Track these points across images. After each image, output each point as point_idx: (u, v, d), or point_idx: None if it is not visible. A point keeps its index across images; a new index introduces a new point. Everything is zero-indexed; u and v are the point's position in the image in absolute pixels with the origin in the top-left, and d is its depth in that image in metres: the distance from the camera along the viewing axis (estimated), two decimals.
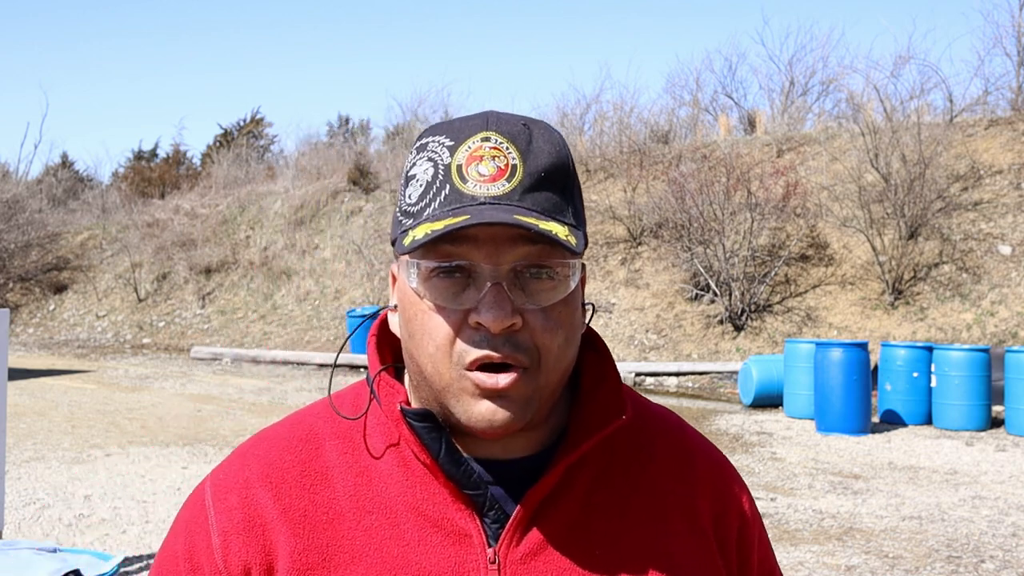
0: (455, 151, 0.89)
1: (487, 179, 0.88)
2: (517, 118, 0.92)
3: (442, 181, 0.89)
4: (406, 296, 0.92)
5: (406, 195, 0.92)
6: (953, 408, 10.84)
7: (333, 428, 0.99)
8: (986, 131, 18.47)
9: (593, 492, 0.97)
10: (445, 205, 0.88)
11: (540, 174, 0.89)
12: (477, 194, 0.87)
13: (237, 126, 36.90)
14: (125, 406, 12.23)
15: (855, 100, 22.00)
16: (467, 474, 0.92)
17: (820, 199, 18.03)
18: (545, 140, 0.91)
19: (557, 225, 0.87)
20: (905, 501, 7.31)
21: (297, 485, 0.95)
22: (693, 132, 23.99)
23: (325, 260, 23.01)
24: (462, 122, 0.92)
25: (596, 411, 0.96)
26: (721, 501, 1.03)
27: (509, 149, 0.89)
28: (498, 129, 0.90)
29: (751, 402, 12.69)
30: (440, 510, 0.93)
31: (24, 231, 26.66)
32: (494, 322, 0.85)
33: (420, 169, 0.91)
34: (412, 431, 0.92)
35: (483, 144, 0.89)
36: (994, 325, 14.85)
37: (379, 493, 0.94)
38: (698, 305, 17.59)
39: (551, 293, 0.89)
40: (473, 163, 0.88)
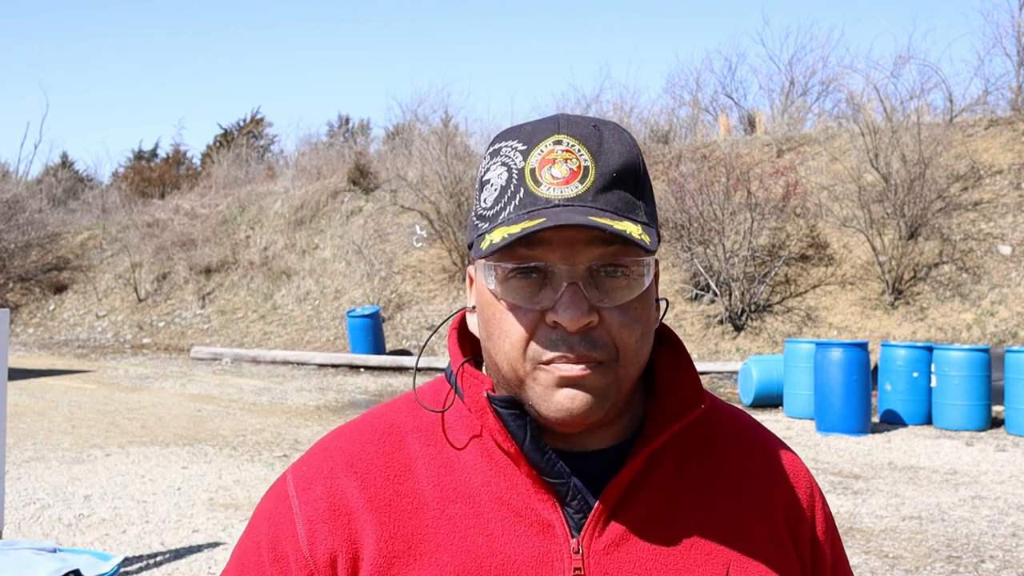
0: (528, 155, 0.91)
1: (560, 182, 0.89)
2: (588, 120, 0.93)
3: (516, 185, 0.90)
4: (484, 297, 0.94)
5: (482, 199, 0.93)
6: (953, 408, 10.84)
7: (415, 422, 1.00)
8: (986, 131, 18.47)
9: (672, 484, 0.98)
10: (520, 208, 0.89)
11: (612, 175, 0.90)
12: (551, 197, 0.89)
13: (237, 126, 36.91)
14: (125, 406, 12.23)
15: (855, 100, 22.01)
16: (550, 463, 0.93)
17: (820, 199, 18.03)
18: (616, 140, 0.93)
19: (631, 224, 0.88)
20: (905, 501, 7.31)
21: (381, 475, 0.96)
22: (693, 132, 23.99)
23: (325, 260, 23.01)
24: (534, 126, 0.93)
25: (674, 402, 0.98)
26: (796, 500, 1.04)
27: (581, 151, 0.90)
28: (569, 132, 0.91)
29: (751, 402, 12.69)
30: (523, 500, 0.94)
31: (24, 231, 26.66)
32: (571, 321, 0.87)
33: (495, 174, 0.93)
34: (497, 419, 0.93)
35: (555, 147, 0.90)
36: (994, 325, 14.85)
37: (462, 483, 0.95)
38: (698, 305, 17.60)
39: (626, 291, 0.91)
40: (546, 166, 0.90)
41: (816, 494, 1.07)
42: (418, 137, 24.68)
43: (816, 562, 1.04)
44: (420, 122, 26.60)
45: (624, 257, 0.90)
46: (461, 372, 0.98)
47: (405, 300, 20.40)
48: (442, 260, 20.96)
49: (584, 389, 0.89)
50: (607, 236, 0.88)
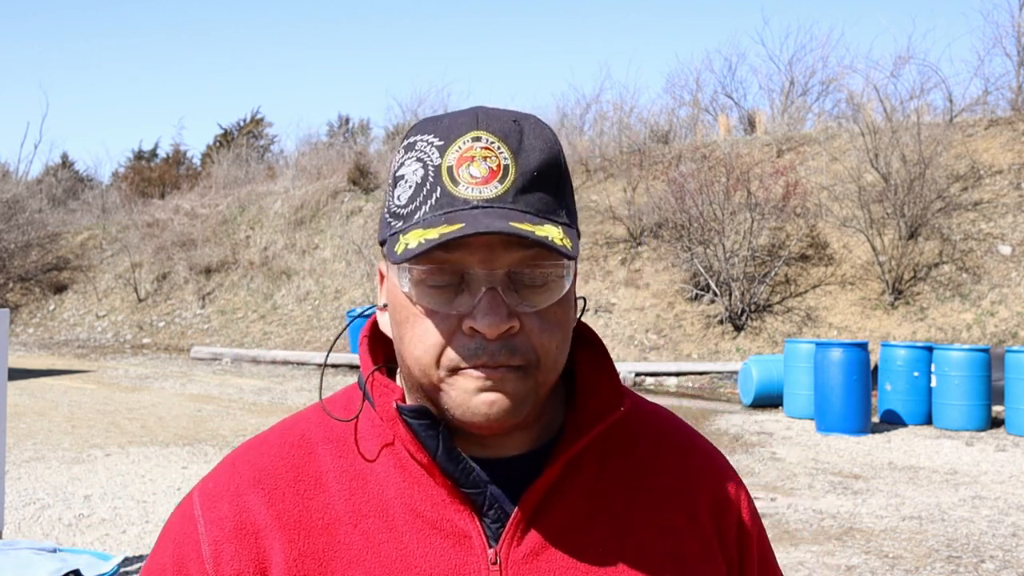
0: (445, 151, 0.86)
1: (479, 181, 0.85)
2: (507, 114, 0.89)
3: (432, 183, 0.86)
4: (397, 299, 0.90)
5: (395, 196, 0.89)
6: (953, 408, 10.84)
7: (325, 432, 0.97)
8: (986, 131, 18.47)
9: (593, 487, 0.95)
10: (437, 209, 0.85)
11: (533, 174, 0.87)
12: (469, 197, 0.85)
13: (237, 126, 36.91)
14: (125, 406, 12.23)
15: (855, 100, 22.01)
16: (465, 472, 0.90)
17: (820, 199, 18.03)
18: (536, 137, 0.89)
19: (552, 228, 0.85)
20: (905, 501, 7.31)
21: (290, 490, 0.92)
22: (693, 132, 23.99)
23: (325, 260, 23.01)
24: (451, 120, 0.89)
25: (594, 405, 0.95)
26: (720, 498, 1.02)
27: (500, 149, 0.86)
28: (488, 128, 0.87)
29: (751, 402, 12.69)
30: (438, 511, 0.91)
31: (24, 231, 26.66)
32: (490, 328, 0.84)
33: (409, 170, 0.88)
34: (408, 429, 0.90)
35: (474, 144, 0.86)
36: (994, 325, 14.85)
37: (375, 496, 0.92)
38: (698, 305, 17.60)
39: (547, 295, 0.87)
40: (464, 164, 0.86)
41: (741, 492, 1.05)
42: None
43: (743, 560, 1.02)
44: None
45: (544, 261, 0.86)
46: (371, 380, 0.95)
47: None
48: None
49: (503, 393, 0.86)
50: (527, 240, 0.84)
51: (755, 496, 7.41)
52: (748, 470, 8.47)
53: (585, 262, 19.51)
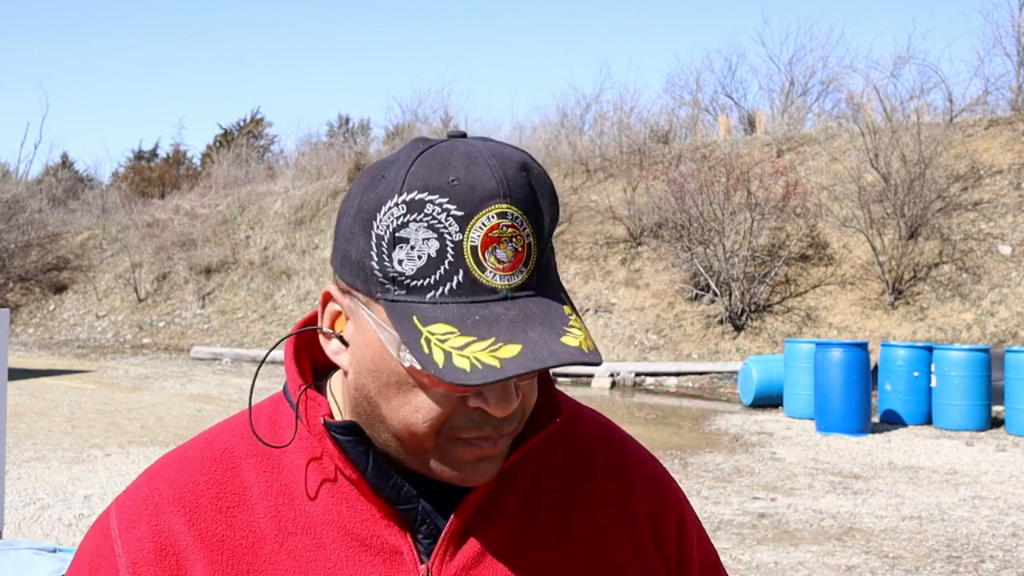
0: (467, 226, 0.78)
1: (507, 268, 0.79)
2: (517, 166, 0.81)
3: (453, 263, 0.78)
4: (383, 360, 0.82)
5: (392, 259, 0.79)
6: (953, 408, 10.85)
7: (250, 445, 0.92)
8: (986, 131, 18.47)
9: (529, 499, 0.93)
10: (459, 294, 0.78)
11: (545, 247, 0.82)
12: (497, 287, 0.78)
13: (237, 126, 36.92)
14: (125, 406, 12.24)
15: (855, 100, 22.02)
16: (396, 488, 0.87)
17: (820, 199, 18.04)
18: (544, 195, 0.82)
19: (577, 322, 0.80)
20: (905, 501, 7.31)
21: (212, 508, 0.88)
22: (693, 132, 24.00)
23: (325, 260, 23.01)
24: (467, 182, 0.79)
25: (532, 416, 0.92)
26: (657, 504, 1.00)
27: (524, 225, 0.79)
28: (512, 198, 0.79)
29: (751, 402, 12.69)
30: (368, 527, 0.88)
31: (24, 231, 26.67)
32: (502, 411, 0.81)
33: (418, 237, 0.78)
34: (337, 445, 0.87)
35: (500, 222, 0.78)
36: (994, 325, 14.86)
37: (302, 513, 0.88)
38: (698, 305, 17.60)
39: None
40: (490, 247, 0.78)
41: (681, 499, 1.03)
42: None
43: (683, 563, 1.00)
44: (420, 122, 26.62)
45: None
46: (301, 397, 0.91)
47: None
48: None
49: (495, 461, 0.85)
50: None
51: (755, 496, 7.42)
52: (748, 470, 8.48)
53: (585, 262, 19.51)
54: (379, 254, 0.80)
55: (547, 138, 24.76)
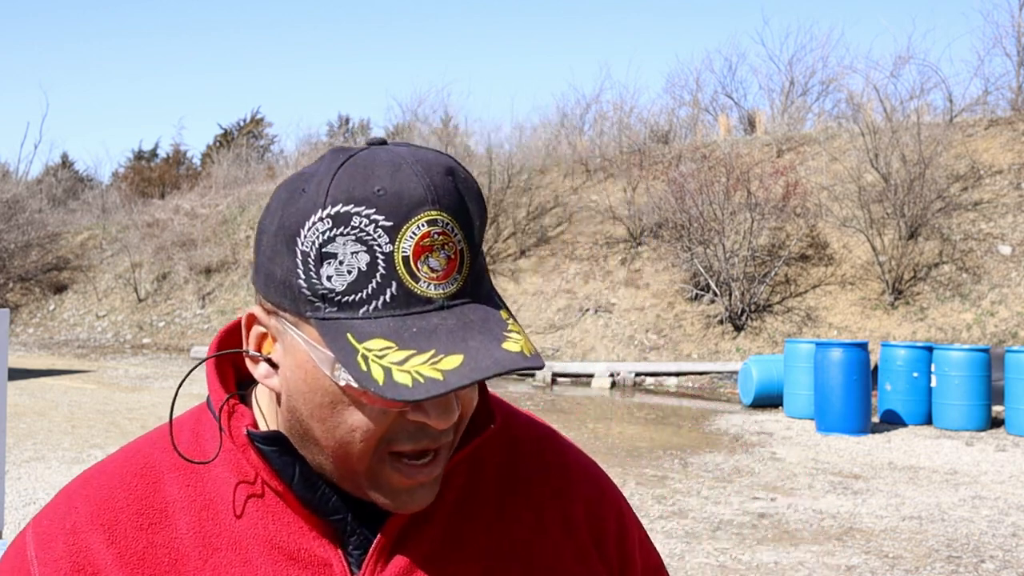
0: (397, 236, 0.76)
1: (440, 276, 0.77)
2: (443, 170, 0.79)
3: (385, 275, 0.76)
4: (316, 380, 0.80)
5: (321, 275, 0.76)
6: (953, 408, 10.85)
7: (173, 458, 0.89)
8: (986, 131, 18.48)
9: (464, 506, 0.91)
10: (393, 307, 0.75)
11: (477, 252, 0.80)
12: (432, 296, 0.76)
13: (237, 126, 36.93)
14: (125, 406, 12.24)
15: (855, 100, 22.02)
16: (324, 500, 0.85)
17: (820, 199, 18.04)
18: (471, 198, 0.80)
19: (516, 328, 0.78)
20: (905, 501, 7.31)
21: (132, 525, 0.85)
22: (693, 132, 24.00)
23: None
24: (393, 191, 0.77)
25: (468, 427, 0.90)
26: (596, 508, 0.98)
27: (455, 231, 0.77)
28: (441, 204, 0.77)
29: (751, 402, 12.69)
30: (296, 540, 0.85)
31: (24, 231, 26.67)
32: (444, 423, 0.78)
33: (345, 250, 0.76)
34: (262, 457, 0.85)
35: (431, 230, 0.76)
36: (994, 325, 14.86)
37: (227, 527, 0.85)
38: (698, 305, 17.60)
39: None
40: (423, 255, 0.76)
41: (619, 499, 1.01)
42: (418, 137, 24.69)
43: (624, 567, 0.98)
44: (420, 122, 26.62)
45: None
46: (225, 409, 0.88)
47: None
48: None
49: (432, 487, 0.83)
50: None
51: (755, 496, 7.42)
52: (748, 470, 8.48)
53: (585, 262, 19.51)
54: (306, 271, 0.77)
55: (547, 138, 24.76)
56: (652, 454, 9.30)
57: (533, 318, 18.68)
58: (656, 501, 7.22)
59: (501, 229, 20.92)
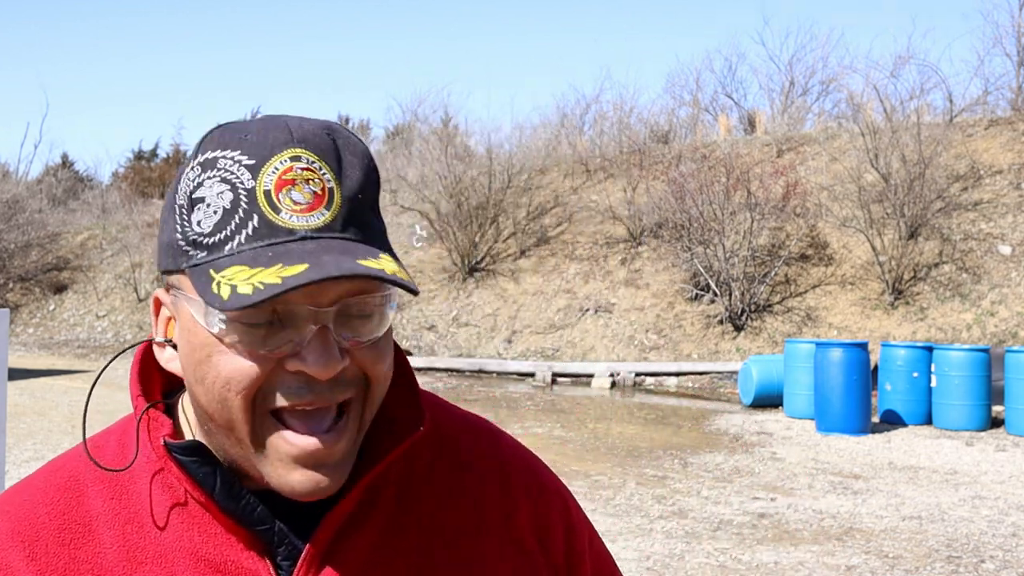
0: (259, 173, 0.76)
1: (304, 209, 0.76)
2: (318, 126, 0.81)
3: (247, 210, 0.76)
4: (196, 337, 0.78)
5: (192, 221, 0.77)
6: (953, 408, 10.85)
7: (97, 472, 0.87)
8: (986, 131, 18.47)
9: (399, 512, 0.88)
10: (255, 239, 0.75)
11: (357, 196, 0.79)
12: (294, 227, 0.75)
13: None
14: (125, 406, 12.18)
15: (855, 100, 22.02)
16: (248, 509, 0.82)
17: (820, 199, 18.04)
18: (354, 153, 0.81)
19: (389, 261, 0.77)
20: (905, 501, 7.31)
21: (55, 541, 0.83)
22: (693, 132, 24.01)
23: None
24: (259, 135, 0.78)
25: (394, 425, 0.87)
26: (542, 510, 0.95)
27: (323, 170, 0.77)
28: (305, 144, 0.78)
29: (751, 402, 12.69)
30: (222, 552, 0.82)
31: (24, 231, 26.67)
32: (323, 370, 0.75)
33: (211, 192, 0.77)
34: (181, 467, 0.82)
35: (293, 165, 0.77)
36: (994, 325, 14.86)
37: (151, 541, 0.83)
38: (698, 305, 17.59)
39: (378, 326, 0.80)
40: (284, 188, 0.76)
41: (567, 499, 0.98)
42: (418, 137, 24.70)
43: (573, 569, 0.96)
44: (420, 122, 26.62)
45: (375, 292, 0.78)
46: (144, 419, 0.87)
47: (405, 300, 20.38)
48: (442, 260, 20.96)
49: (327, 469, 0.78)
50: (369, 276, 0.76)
51: (755, 496, 7.42)
52: (748, 470, 8.48)
53: (585, 262, 19.51)
54: (181, 223, 0.79)
55: (547, 138, 24.77)
56: (652, 454, 9.30)
57: (533, 318, 18.69)
58: (656, 501, 7.22)
59: (501, 229, 20.92)
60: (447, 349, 18.82)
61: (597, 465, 8.65)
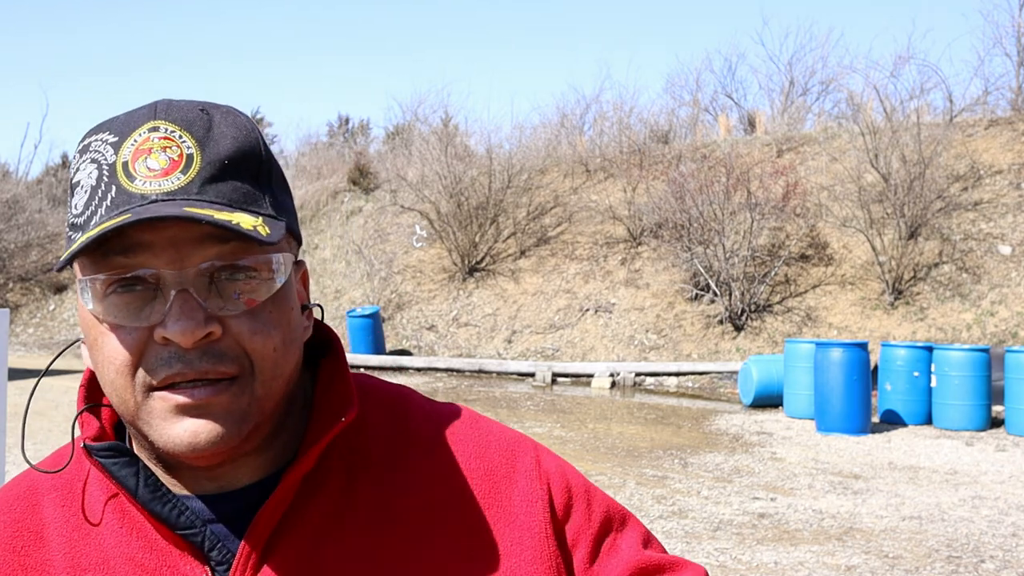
0: (120, 147, 0.78)
1: (158, 174, 0.77)
2: (193, 104, 0.82)
3: (107, 183, 0.77)
4: (85, 321, 0.80)
5: (73, 205, 0.80)
6: (953, 408, 10.85)
7: (54, 479, 0.88)
8: (986, 131, 18.47)
9: (337, 512, 0.85)
10: (112, 209, 0.76)
11: (223, 162, 0.79)
12: (147, 192, 0.76)
13: None
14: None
15: (855, 100, 22.02)
16: (176, 512, 0.81)
17: (820, 199, 18.04)
18: (229, 124, 0.81)
19: (244, 215, 0.76)
20: (905, 501, 7.31)
21: (7, 548, 0.85)
22: (693, 132, 24.00)
23: (325, 260, 23.01)
24: (128, 115, 0.81)
25: (324, 417, 0.85)
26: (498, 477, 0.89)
27: (182, 137, 0.78)
28: (168, 117, 0.79)
29: (751, 402, 12.68)
30: (158, 558, 0.82)
31: (24, 231, 26.67)
32: (184, 334, 0.74)
33: (84, 174, 0.79)
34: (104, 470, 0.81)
35: (151, 135, 0.78)
36: (994, 325, 14.85)
37: (95, 547, 0.84)
38: (698, 305, 17.59)
39: (253, 294, 0.78)
40: (141, 157, 0.77)
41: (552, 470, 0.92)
42: (418, 137, 24.69)
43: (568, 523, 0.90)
44: (420, 122, 26.61)
45: (246, 256, 0.77)
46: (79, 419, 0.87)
47: (405, 300, 20.41)
48: (442, 260, 20.96)
49: (210, 416, 0.76)
50: (221, 233, 0.75)
51: (755, 496, 7.42)
52: (748, 470, 8.47)
53: (585, 262, 19.51)
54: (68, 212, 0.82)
55: (547, 138, 24.76)
56: (652, 454, 9.30)
57: (533, 318, 18.69)
58: (656, 501, 7.22)
59: (501, 229, 20.92)
60: (447, 349, 18.82)
61: (597, 465, 8.65)
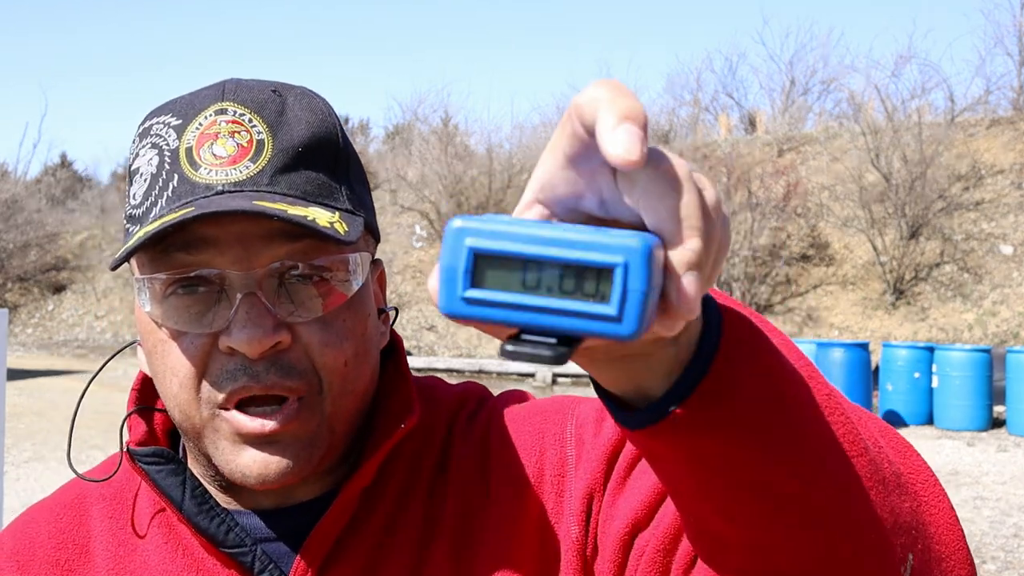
0: (183, 131, 0.71)
1: (226, 162, 0.70)
2: (266, 84, 0.75)
3: (169, 171, 0.70)
4: (143, 325, 0.74)
5: (131, 195, 0.74)
6: (954, 408, 10.83)
7: (102, 489, 0.83)
8: (987, 131, 18.46)
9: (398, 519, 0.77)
10: (174, 201, 0.69)
11: (297, 149, 0.71)
12: (212, 182, 0.69)
13: None
14: (125, 407, 12.22)
15: (856, 100, 22.01)
16: (224, 529, 0.75)
17: (821, 199, 18.03)
18: (304, 108, 0.74)
19: (320, 210, 0.69)
20: None
21: (49, 561, 0.80)
22: (693, 132, 24.00)
23: None
24: (193, 95, 0.74)
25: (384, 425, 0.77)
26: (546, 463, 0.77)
27: (253, 122, 0.71)
28: (237, 98, 0.72)
29: None
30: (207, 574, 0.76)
31: (23, 231, 26.66)
32: (251, 343, 0.67)
33: (144, 160, 0.73)
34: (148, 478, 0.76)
35: (218, 118, 0.71)
36: (995, 325, 14.84)
37: (141, 562, 0.78)
38: None
39: (327, 299, 0.71)
40: (206, 143, 0.70)
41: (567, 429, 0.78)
42: (418, 137, 24.69)
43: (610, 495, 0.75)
44: (420, 122, 26.60)
45: (320, 256, 0.70)
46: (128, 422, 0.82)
47: (405, 300, 20.40)
48: None
49: (280, 445, 0.70)
50: (292, 229, 0.67)
51: None
52: None
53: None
54: (126, 202, 0.75)
55: (547, 138, 24.73)
56: None
57: None
58: None
59: None
60: (447, 349, 18.80)
61: None
